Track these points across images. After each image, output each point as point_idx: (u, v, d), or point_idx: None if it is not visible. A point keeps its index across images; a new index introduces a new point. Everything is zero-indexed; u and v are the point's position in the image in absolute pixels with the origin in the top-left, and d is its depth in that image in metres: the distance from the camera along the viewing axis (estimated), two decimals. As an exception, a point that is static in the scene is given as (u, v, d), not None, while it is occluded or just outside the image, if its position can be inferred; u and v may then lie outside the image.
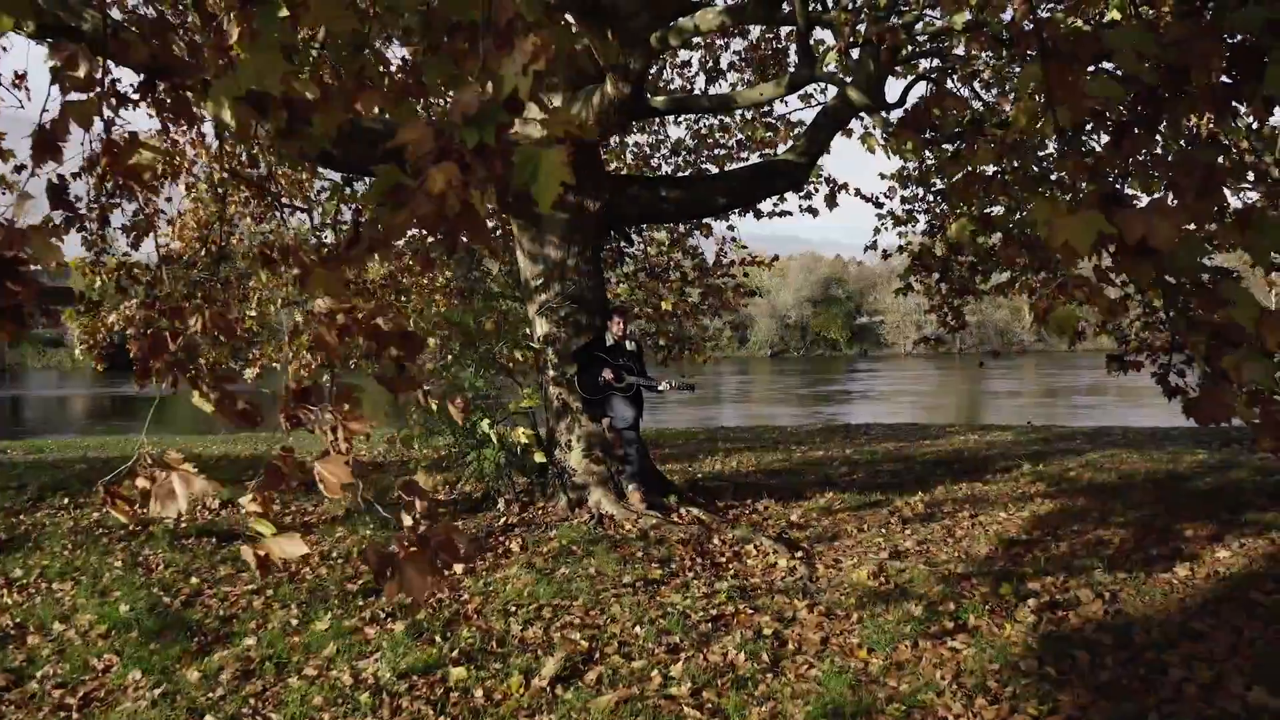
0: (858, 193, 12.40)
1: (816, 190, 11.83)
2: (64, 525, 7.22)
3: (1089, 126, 4.51)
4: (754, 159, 11.76)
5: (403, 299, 12.83)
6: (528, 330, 8.11)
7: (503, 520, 7.35)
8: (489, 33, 2.40)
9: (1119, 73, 4.00)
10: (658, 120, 13.03)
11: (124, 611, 5.21)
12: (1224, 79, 3.31)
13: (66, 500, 8.15)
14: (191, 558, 6.36)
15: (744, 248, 12.43)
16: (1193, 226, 2.80)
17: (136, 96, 2.88)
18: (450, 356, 7.67)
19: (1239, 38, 3.12)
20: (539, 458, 7.34)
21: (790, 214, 12.66)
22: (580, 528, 7.02)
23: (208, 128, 10.33)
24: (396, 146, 2.21)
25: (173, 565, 6.17)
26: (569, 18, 7.11)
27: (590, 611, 5.20)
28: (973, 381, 38.33)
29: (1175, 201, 2.66)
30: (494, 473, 7.49)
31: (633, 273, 13.61)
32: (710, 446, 13.82)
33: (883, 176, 11.76)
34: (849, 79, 8.17)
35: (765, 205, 12.06)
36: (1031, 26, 3.33)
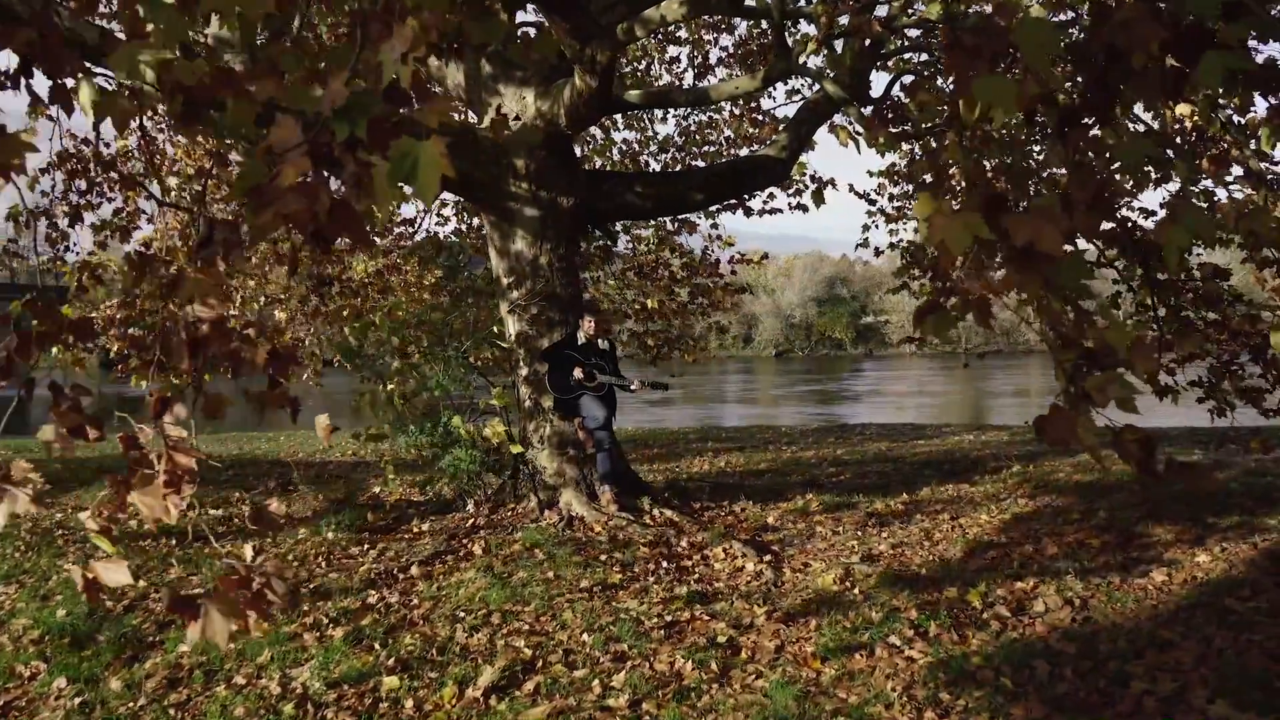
0: (851, 189, 12.21)
1: (806, 187, 11.65)
2: (23, 526, 7.09)
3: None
4: (744, 155, 11.59)
5: (389, 297, 12.72)
6: (495, 329, 7.96)
7: (470, 522, 7.20)
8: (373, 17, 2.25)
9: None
10: (646, 117, 12.88)
11: (60, 616, 5.07)
12: (1174, 64, 3.14)
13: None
14: (146, 559, 6.23)
15: (730, 244, 12.26)
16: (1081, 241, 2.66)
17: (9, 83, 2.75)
18: (418, 355, 7.51)
19: (1188, 20, 2.95)
20: (515, 449, 7.18)
21: (780, 211, 12.48)
22: (547, 530, 6.87)
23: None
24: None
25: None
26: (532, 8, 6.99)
27: (541, 618, 5.05)
28: (977, 382, 38.07)
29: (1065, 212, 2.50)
30: (466, 472, 7.33)
31: (621, 272, 13.46)
32: (700, 446, 13.66)
33: (871, 174, 11.58)
34: (832, 72, 8.00)
35: (755, 203, 11.89)
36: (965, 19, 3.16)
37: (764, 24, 11.07)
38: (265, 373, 2.60)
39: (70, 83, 2.95)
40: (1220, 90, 3.00)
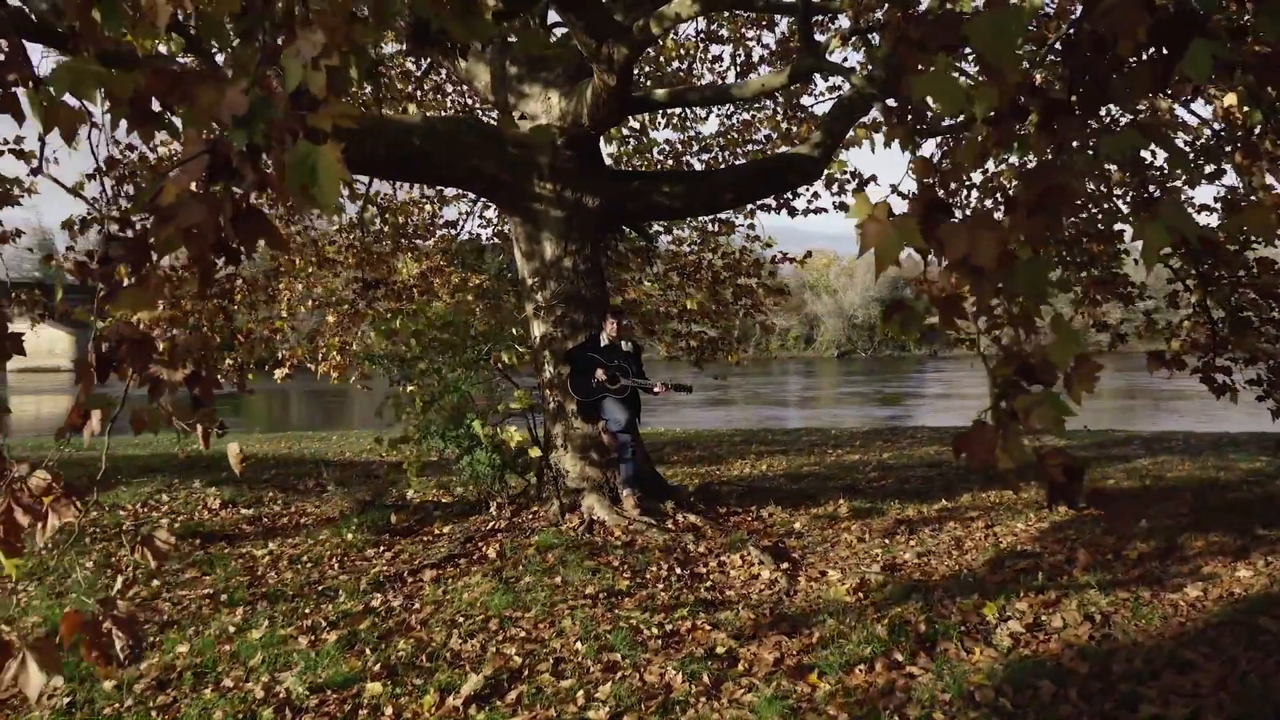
0: (893, 189, 11.91)
1: (847, 186, 11.40)
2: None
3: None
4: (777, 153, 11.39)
5: (433, 300, 12.79)
6: (515, 330, 7.92)
7: (491, 525, 7.16)
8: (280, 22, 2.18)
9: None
10: (689, 116, 12.74)
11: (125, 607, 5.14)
12: (1164, 52, 2.94)
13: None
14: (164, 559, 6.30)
15: (770, 245, 12.06)
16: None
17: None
18: (441, 359, 7.50)
19: (1174, 6, 2.76)
20: (535, 453, 7.13)
21: (825, 210, 12.25)
22: (565, 534, 6.80)
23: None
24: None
25: (141, 566, 6.11)
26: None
27: (539, 624, 4.97)
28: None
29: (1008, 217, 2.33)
30: (487, 475, 7.31)
31: (664, 272, 13.35)
32: (744, 449, 13.47)
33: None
34: (871, 67, 7.79)
35: (800, 203, 11.68)
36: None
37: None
38: (193, 396, 2.54)
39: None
40: (1210, 80, 2.80)
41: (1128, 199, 7.80)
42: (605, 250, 11.37)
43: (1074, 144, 3.22)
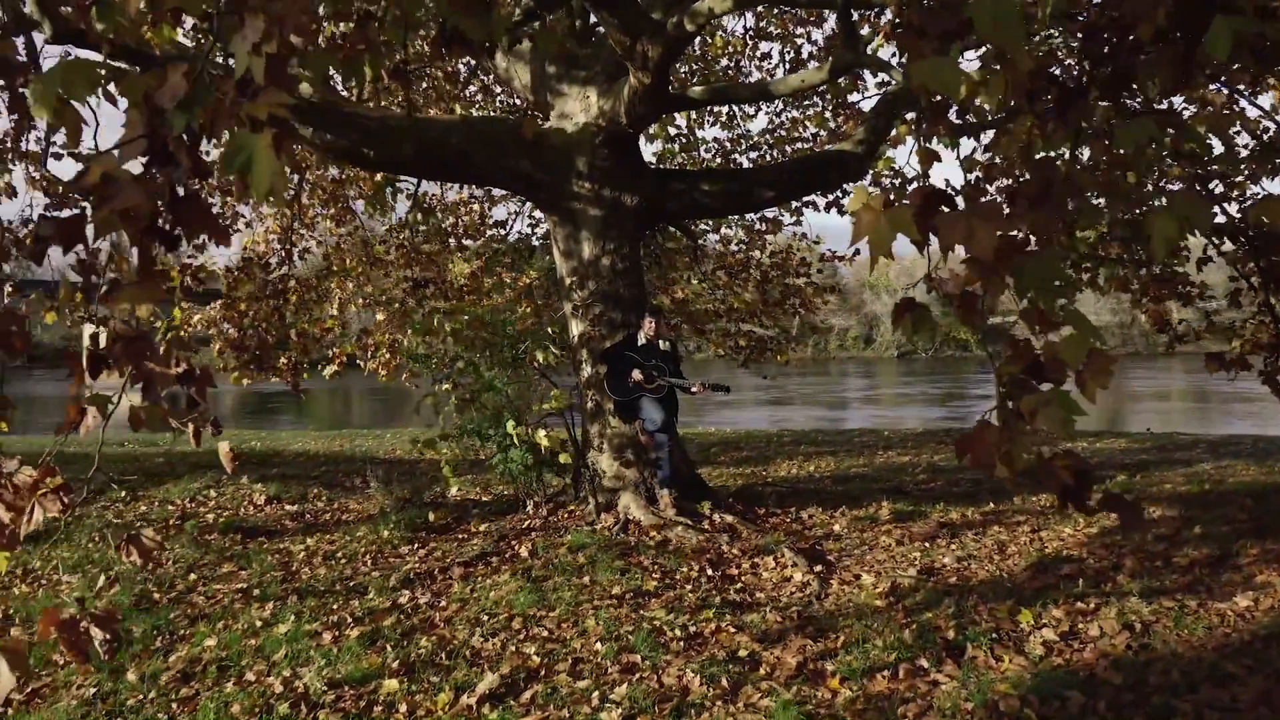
0: (947, 184, 11.68)
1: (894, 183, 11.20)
2: (103, 517, 7.43)
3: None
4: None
5: (487, 298, 12.88)
6: (549, 330, 7.92)
7: (526, 524, 7.17)
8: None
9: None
10: (737, 114, 12.64)
11: (103, 606, 5.25)
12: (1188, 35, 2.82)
13: (124, 493, 8.41)
14: (205, 553, 6.42)
15: (817, 243, 11.91)
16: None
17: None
18: (478, 357, 7.53)
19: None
20: (564, 459, 7.12)
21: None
22: (599, 533, 6.77)
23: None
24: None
25: (182, 560, 6.24)
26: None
27: (563, 624, 4.95)
28: (1115, 384, 36.08)
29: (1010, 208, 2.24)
30: (521, 474, 7.32)
31: (712, 271, 13.27)
32: (793, 449, 13.33)
33: (965, 168, 11.04)
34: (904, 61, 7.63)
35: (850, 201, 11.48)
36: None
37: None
38: (188, 395, 2.55)
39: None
40: (1231, 61, 2.66)
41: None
42: (644, 249, 11.31)
43: (1089, 132, 3.10)
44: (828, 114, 11.29)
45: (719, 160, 12.73)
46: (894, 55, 7.78)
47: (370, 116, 7.47)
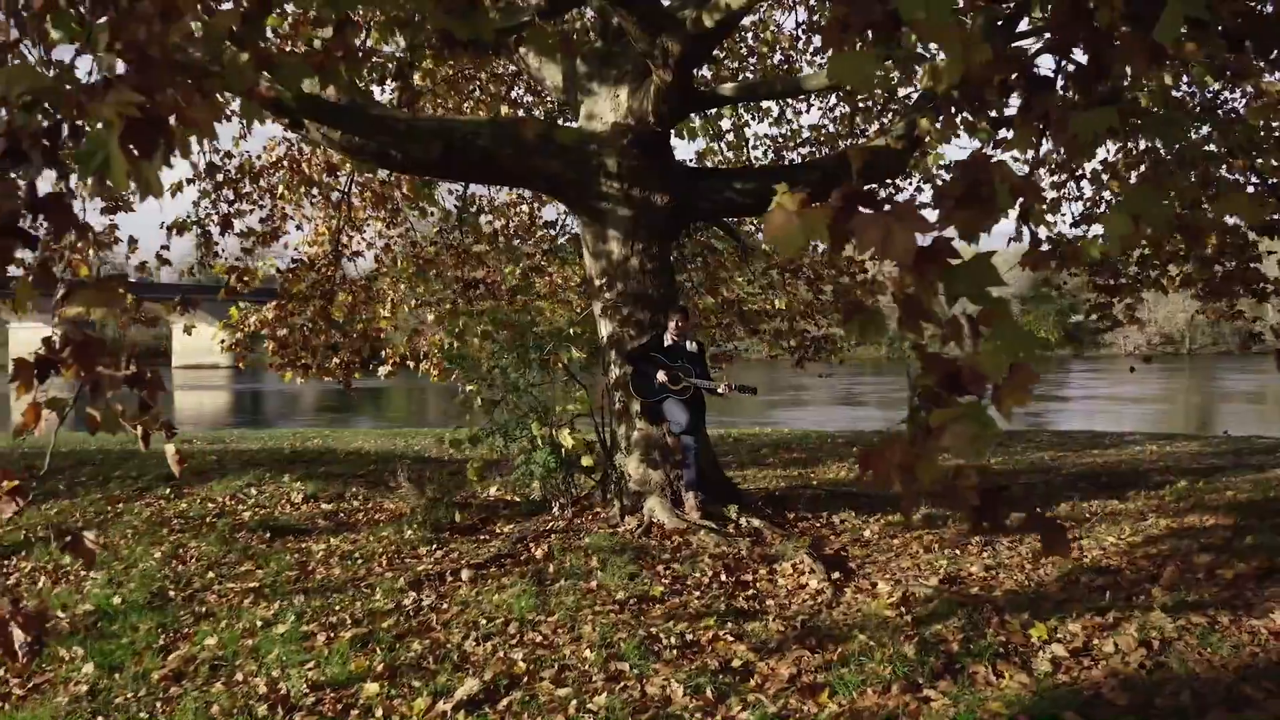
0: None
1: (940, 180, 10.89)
2: (142, 514, 7.62)
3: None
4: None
5: (534, 299, 12.93)
6: (572, 330, 7.86)
7: (550, 526, 7.13)
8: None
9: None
10: (790, 111, 12.44)
11: (116, 604, 5.37)
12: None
13: (169, 490, 8.62)
14: (229, 551, 6.53)
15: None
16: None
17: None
18: (507, 358, 7.52)
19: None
20: (587, 462, 7.07)
21: (926, 205, 11.74)
22: (621, 536, 6.70)
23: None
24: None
25: (204, 558, 6.35)
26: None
27: (559, 629, 4.88)
28: (1212, 384, 34.81)
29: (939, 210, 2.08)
30: (544, 476, 7.29)
31: (763, 270, 13.10)
32: (845, 451, 13.06)
33: (1017, 159, 10.66)
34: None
35: (901, 198, 11.21)
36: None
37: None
38: (140, 399, 2.56)
39: None
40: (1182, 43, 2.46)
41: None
42: (684, 249, 11.18)
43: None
44: (876, 109, 11.03)
45: (770, 157, 12.55)
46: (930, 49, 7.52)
47: (398, 118, 7.51)
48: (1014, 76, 2.93)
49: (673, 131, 11.02)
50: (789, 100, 11.66)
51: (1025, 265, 3.90)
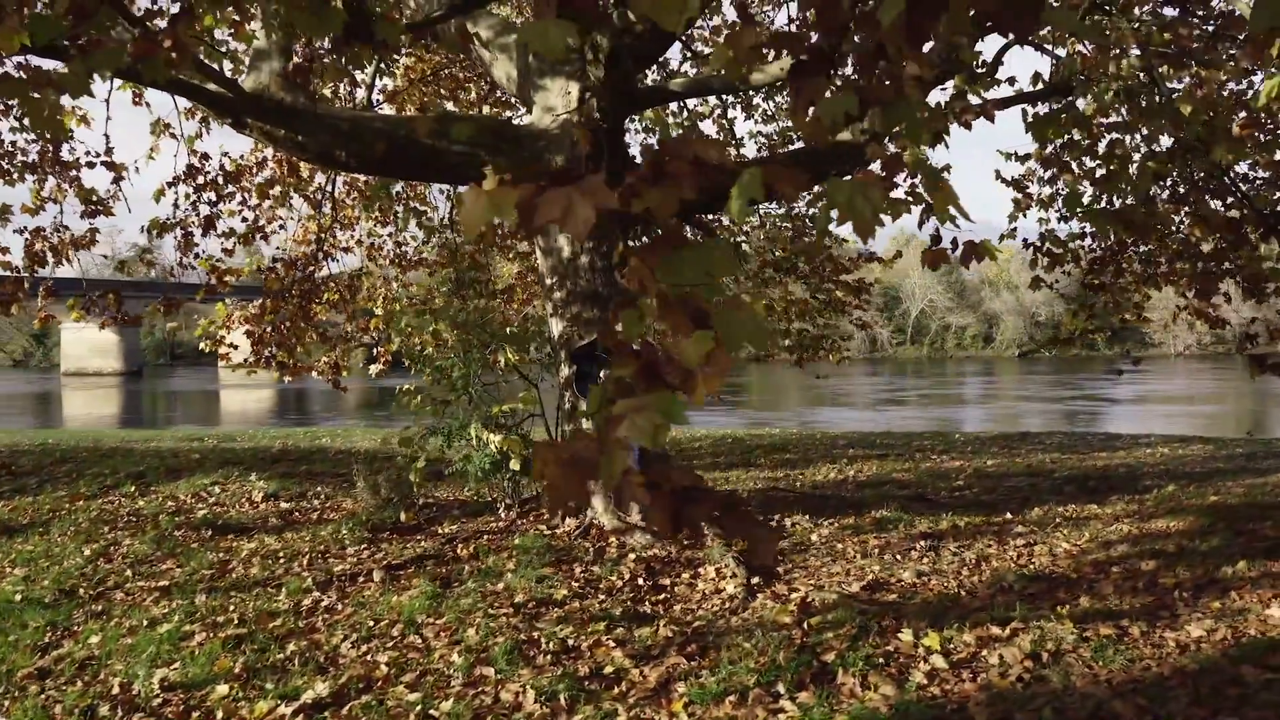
0: (997, 175, 10.98)
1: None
2: (92, 512, 7.68)
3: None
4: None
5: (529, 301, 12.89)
6: (509, 330, 7.76)
7: (490, 527, 7.05)
8: None
9: None
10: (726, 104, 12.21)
11: (16, 600, 5.39)
12: None
13: (134, 488, 8.70)
14: (157, 550, 6.52)
15: (845, 242, 11.38)
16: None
17: None
18: (452, 358, 7.46)
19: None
20: (515, 464, 6.97)
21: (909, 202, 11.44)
22: (559, 537, 6.60)
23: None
24: None
25: (131, 556, 6.36)
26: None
27: (442, 632, 4.78)
28: (1263, 384, 33.58)
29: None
30: (480, 478, 7.21)
31: (759, 269, 12.89)
32: (841, 453, 12.80)
33: (1011, 157, 10.32)
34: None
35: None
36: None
37: None
38: None
39: None
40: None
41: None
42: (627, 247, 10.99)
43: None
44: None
45: (766, 155, 12.34)
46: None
47: (341, 116, 7.48)
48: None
49: (633, 127, 10.91)
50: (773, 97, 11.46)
51: (926, 263, 3.72)
